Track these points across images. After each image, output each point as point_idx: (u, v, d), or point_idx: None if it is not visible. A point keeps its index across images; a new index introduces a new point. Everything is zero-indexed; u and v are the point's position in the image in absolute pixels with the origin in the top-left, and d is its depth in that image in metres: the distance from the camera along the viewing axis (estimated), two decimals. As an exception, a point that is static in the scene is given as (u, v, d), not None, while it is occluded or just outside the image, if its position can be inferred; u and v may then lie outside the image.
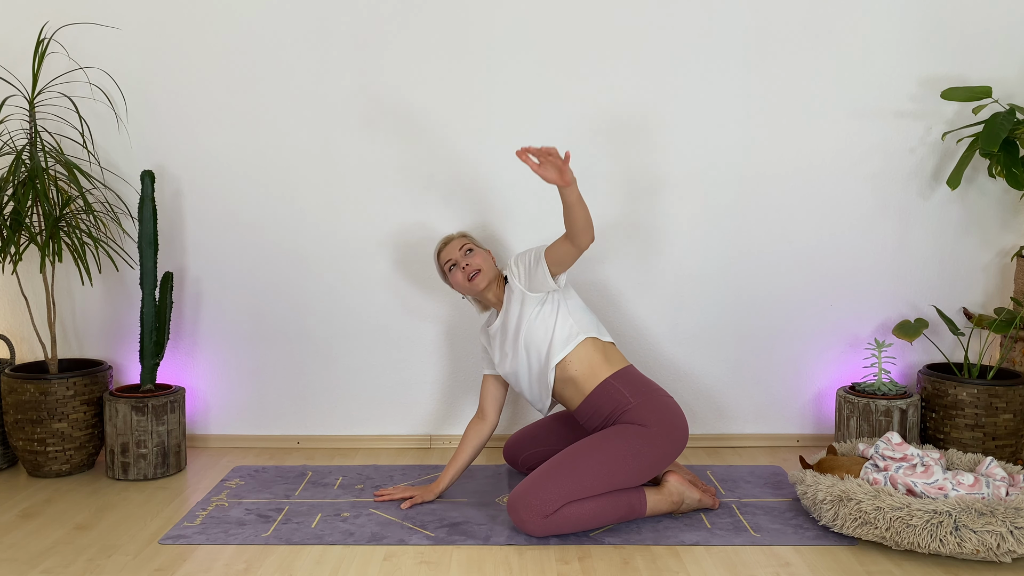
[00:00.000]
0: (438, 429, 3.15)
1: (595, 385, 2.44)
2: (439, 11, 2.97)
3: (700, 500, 2.46)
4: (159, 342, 2.89)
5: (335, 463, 2.96)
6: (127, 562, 2.18)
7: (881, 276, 3.08)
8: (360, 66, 2.99)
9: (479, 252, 2.58)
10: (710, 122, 3.02)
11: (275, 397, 3.13)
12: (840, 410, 2.93)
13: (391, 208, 3.05)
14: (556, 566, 2.15)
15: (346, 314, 3.09)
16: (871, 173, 3.04)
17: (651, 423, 2.37)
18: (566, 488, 2.27)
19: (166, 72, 3.00)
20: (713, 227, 3.06)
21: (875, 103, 3.01)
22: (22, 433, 2.77)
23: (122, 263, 3.06)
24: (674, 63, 2.99)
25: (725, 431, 3.15)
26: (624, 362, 2.53)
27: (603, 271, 3.07)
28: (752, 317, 3.10)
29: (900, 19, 2.98)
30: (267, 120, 3.02)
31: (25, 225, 2.70)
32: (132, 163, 3.04)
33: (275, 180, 3.04)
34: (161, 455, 2.80)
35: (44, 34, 2.92)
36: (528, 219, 3.05)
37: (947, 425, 2.82)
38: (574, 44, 2.98)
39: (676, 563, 2.16)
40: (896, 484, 2.31)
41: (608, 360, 2.48)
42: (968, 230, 3.07)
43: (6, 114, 2.92)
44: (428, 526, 2.39)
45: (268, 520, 2.44)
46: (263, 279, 3.08)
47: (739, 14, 2.97)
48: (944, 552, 2.11)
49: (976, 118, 2.98)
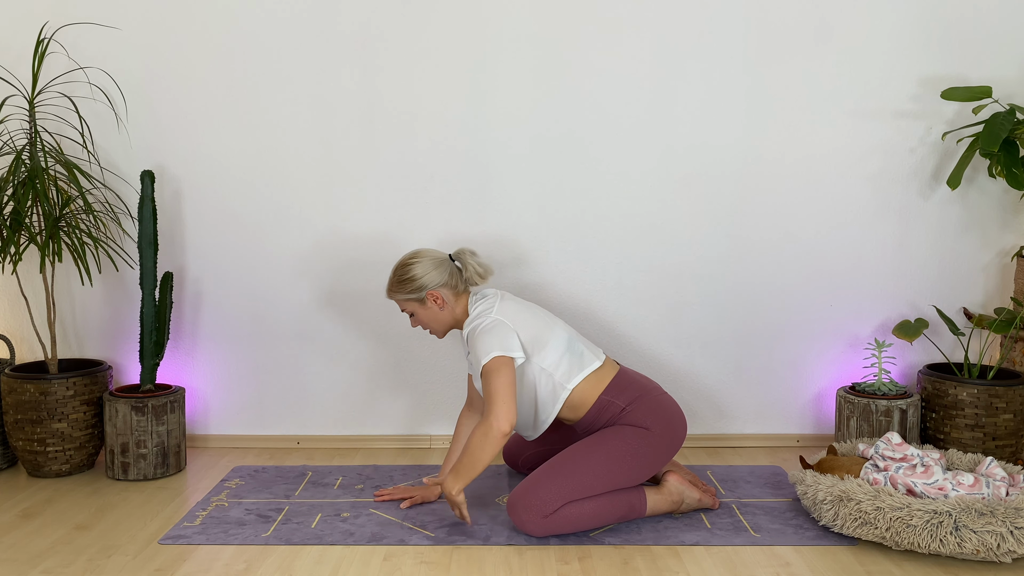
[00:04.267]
0: (438, 429, 3.15)
1: (589, 406, 2.43)
2: (439, 11, 2.97)
3: (700, 500, 2.46)
4: (159, 342, 2.89)
5: (335, 463, 2.96)
6: (127, 562, 2.18)
7: (881, 276, 3.08)
8: (360, 66, 2.99)
9: (417, 311, 2.45)
10: (710, 122, 3.01)
11: (275, 397, 3.13)
12: (840, 410, 2.93)
13: (391, 208, 3.05)
14: (556, 566, 2.15)
15: (346, 314, 3.09)
16: (871, 173, 3.04)
17: (649, 423, 2.37)
18: (566, 488, 2.27)
19: (166, 72, 3.00)
20: (713, 227, 3.06)
21: (875, 103, 3.01)
22: (22, 433, 2.77)
23: (122, 263, 3.06)
24: (674, 63, 2.99)
25: (725, 431, 3.15)
26: (613, 369, 2.48)
27: (603, 271, 3.07)
28: (752, 317, 3.10)
29: (900, 19, 2.98)
30: (267, 120, 3.02)
31: (25, 225, 2.70)
32: (132, 163, 3.03)
33: (275, 180, 3.04)
34: (161, 455, 2.80)
35: (44, 34, 2.92)
36: (528, 219, 3.05)
37: (947, 425, 2.82)
38: (574, 44, 2.98)
39: (676, 563, 2.16)
40: (896, 484, 2.31)
41: (599, 379, 2.43)
42: (968, 230, 3.07)
43: (6, 114, 2.92)
44: (428, 526, 2.39)
45: (268, 520, 2.44)
46: (263, 279, 3.08)
47: (739, 13, 2.97)
48: (944, 552, 2.11)
49: (976, 118, 2.98)
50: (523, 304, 2.47)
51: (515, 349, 2.31)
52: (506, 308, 2.41)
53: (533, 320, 2.41)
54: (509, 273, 3.06)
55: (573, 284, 3.07)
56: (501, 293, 2.49)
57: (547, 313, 2.50)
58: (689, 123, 3.01)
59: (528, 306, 2.47)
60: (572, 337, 2.45)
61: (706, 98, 3.01)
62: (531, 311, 2.45)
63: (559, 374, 2.38)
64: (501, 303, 2.43)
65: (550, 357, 2.38)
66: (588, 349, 2.46)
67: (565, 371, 2.38)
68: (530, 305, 2.49)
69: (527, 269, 3.06)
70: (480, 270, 2.46)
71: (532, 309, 2.46)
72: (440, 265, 2.44)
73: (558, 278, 3.07)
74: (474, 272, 2.46)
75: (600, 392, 2.42)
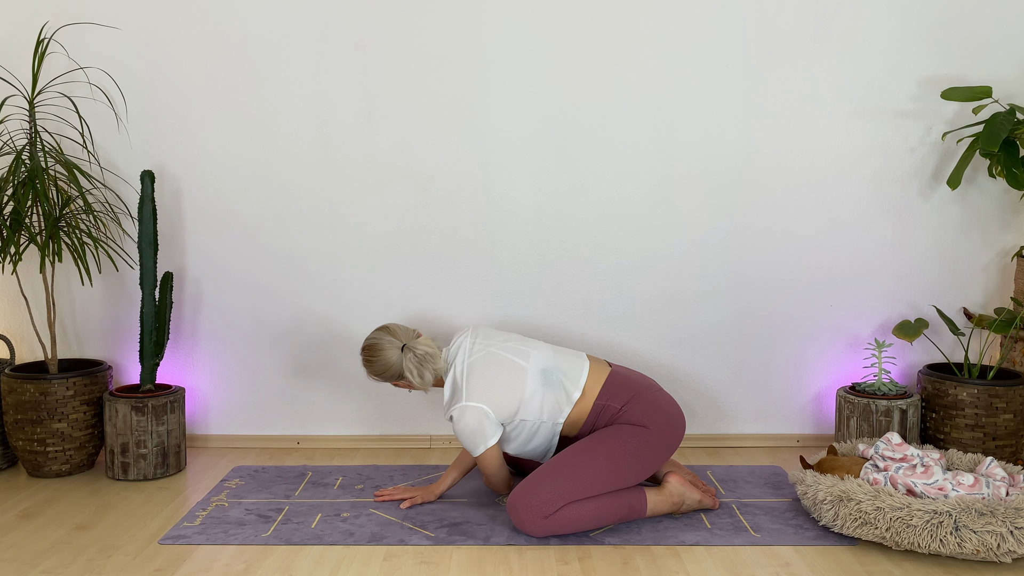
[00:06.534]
0: (438, 429, 3.15)
1: (586, 417, 2.44)
2: (439, 11, 2.97)
3: (700, 500, 2.46)
4: (159, 342, 2.89)
5: (335, 463, 2.96)
6: (127, 562, 2.18)
7: (881, 276, 3.08)
8: (360, 66, 2.99)
9: (398, 384, 2.52)
10: (710, 122, 3.01)
11: (275, 397, 3.13)
12: (840, 410, 2.93)
13: (391, 208, 3.05)
14: (556, 566, 2.15)
15: (346, 314, 3.09)
16: (871, 173, 3.04)
17: (647, 421, 2.38)
18: (566, 489, 2.27)
19: (166, 72, 3.00)
20: (713, 227, 3.06)
21: (875, 103, 3.01)
22: (22, 433, 2.77)
23: (122, 263, 3.06)
24: (674, 63, 2.99)
25: (725, 431, 3.15)
26: (604, 370, 2.48)
27: (603, 271, 3.07)
28: (752, 317, 3.10)
29: (900, 19, 2.98)
30: (267, 120, 3.02)
31: (25, 225, 2.70)
32: (132, 163, 3.03)
33: (275, 180, 3.04)
34: (161, 455, 2.80)
35: (44, 34, 2.92)
36: (528, 218, 3.05)
37: (947, 425, 2.82)
38: (574, 44, 2.98)
39: (676, 563, 2.16)
40: (896, 484, 2.31)
41: (590, 389, 2.44)
42: (968, 230, 3.07)
43: (6, 114, 2.92)
44: (428, 526, 2.39)
45: (268, 520, 2.44)
46: (263, 279, 3.08)
47: (739, 14, 2.97)
48: (944, 552, 2.11)
49: (976, 118, 2.98)
50: (490, 354, 2.44)
51: (494, 435, 2.39)
52: (476, 380, 2.39)
53: (503, 380, 2.39)
54: (508, 273, 3.06)
55: (572, 283, 3.07)
56: (470, 343, 2.48)
57: (516, 347, 2.47)
58: (689, 123, 3.01)
59: (492, 357, 2.43)
60: (548, 368, 2.44)
61: (706, 98, 3.01)
62: (498, 366, 2.41)
63: (547, 414, 2.41)
64: (469, 364, 2.42)
65: (532, 408, 2.40)
66: (569, 368, 2.45)
67: (552, 410, 2.41)
68: (494, 354, 2.44)
69: (527, 269, 3.07)
70: (429, 353, 2.46)
71: (498, 361, 2.42)
72: (394, 363, 2.46)
73: (558, 277, 3.07)
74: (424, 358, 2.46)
75: (594, 399, 2.43)
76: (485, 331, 2.55)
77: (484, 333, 2.54)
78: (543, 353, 2.48)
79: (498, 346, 2.47)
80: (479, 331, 2.55)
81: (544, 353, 2.48)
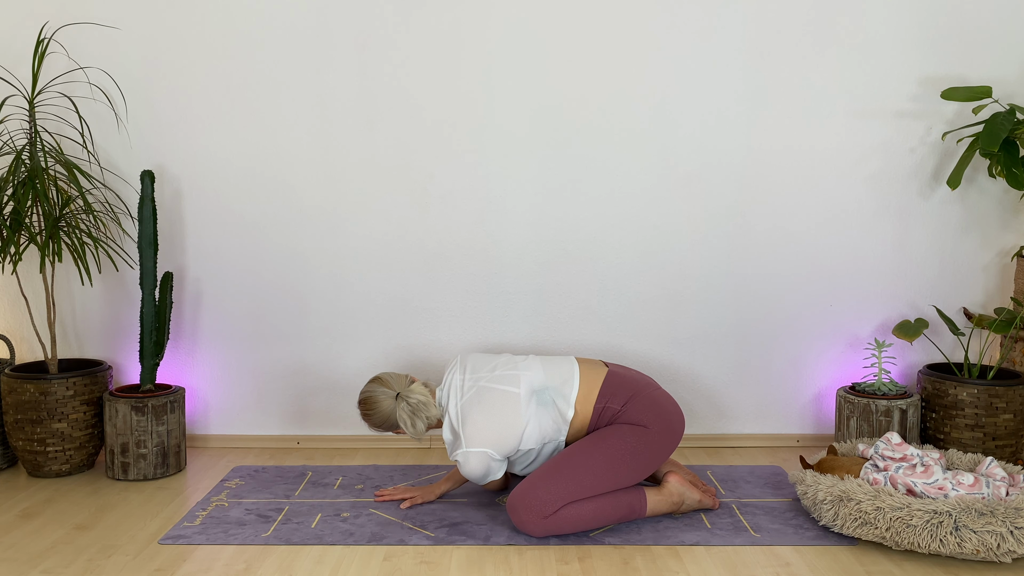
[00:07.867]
0: (437, 429, 3.14)
1: (587, 423, 2.45)
2: (439, 11, 2.97)
3: (700, 500, 2.46)
4: (159, 342, 2.89)
5: (335, 463, 2.96)
6: (127, 562, 2.18)
7: (881, 276, 3.08)
8: (360, 66, 2.99)
9: (398, 432, 2.52)
10: (710, 122, 3.01)
11: (275, 397, 3.13)
12: (840, 410, 2.93)
13: (391, 208, 3.05)
14: (556, 566, 2.15)
15: (346, 314, 3.09)
16: (871, 173, 3.04)
17: (647, 421, 2.38)
18: (566, 488, 2.27)
19: (166, 72, 3.00)
20: (713, 227, 3.06)
21: (875, 103, 3.01)
22: (22, 433, 2.77)
23: (122, 263, 3.06)
24: (674, 63, 2.99)
25: (725, 431, 3.15)
26: (599, 372, 2.48)
27: (603, 271, 3.07)
28: (752, 317, 3.10)
29: (900, 19, 2.98)
30: (267, 120, 3.02)
31: (25, 225, 2.70)
32: (132, 163, 3.04)
33: (275, 180, 3.04)
34: (161, 455, 2.80)
35: (44, 34, 2.92)
36: (528, 218, 3.05)
37: (947, 425, 2.82)
38: (574, 44, 2.98)
39: (676, 563, 2.16)
40: (896, 484, 2.31)
41: (586, 397, 2.43)
42: (968, 230, 3.07)
43: (6, 114, 2.92)
44: (428, 526, 2.39)
45: (268, 520, 2.44)
46: (263, 279, 3.08)
47: (739, 14, 2.97)
48: (944, 552, 2.11)
49: (976, 118, 2.98)
50: (480, 389, 2.41)
51: (500, 469, 2.41)
52: (472, 425, 2.36)
53: (500, 419, 2.36)
54: (508, 274, 3.06)
55: (572, 283, 3.07)
56: (460, 381, 2.46)
57: (504, 374, 2.44)
58: (689, 123, 3.01)
59: (483, 393, 2.40)
60: (539, 388, 2.43)
61: (707, 98, 3.01)
62: (491, 403, 2.38)
63: (548, 435, 2.41)
64: (463, 407, 2.40)
65: (532, 435, 2.39)
66: (561, 383, 2.44)
67: (552, 429, 2.41)
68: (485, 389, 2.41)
69: (526, 269, 3.06)
70: (422, 401, 2.45)
71: (490, 397, 2.39)
72: (391, 414, 2.45)
73: (557, 278, 3.07)
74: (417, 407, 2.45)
75: (593, 404, 2.43)
76: (473, 360, 2.52)
77: (472, 364, 2.51)
78: (532, 372, 2.45)
79: (487, 377, 2.44)
80: (467, 362, 2.52)
81: (534, 371, 2.46)
